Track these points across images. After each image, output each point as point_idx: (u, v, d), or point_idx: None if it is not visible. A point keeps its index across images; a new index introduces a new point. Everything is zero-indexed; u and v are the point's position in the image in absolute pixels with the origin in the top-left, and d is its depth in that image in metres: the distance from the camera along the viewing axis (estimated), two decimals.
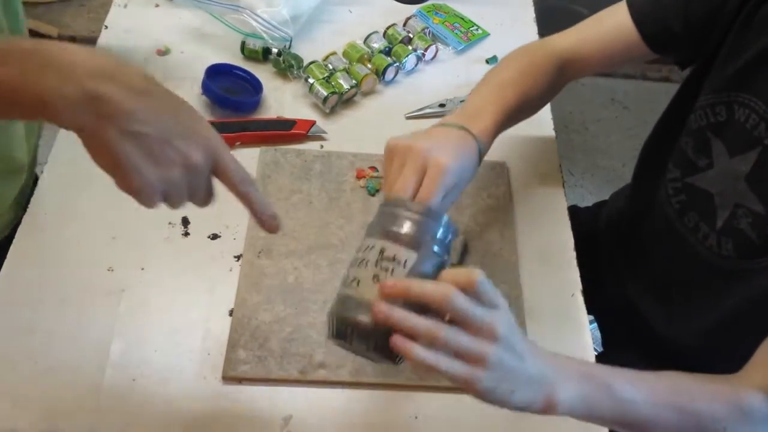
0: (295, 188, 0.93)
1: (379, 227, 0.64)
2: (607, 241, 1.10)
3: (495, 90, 0.81)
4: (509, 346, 0.57)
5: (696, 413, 0.65)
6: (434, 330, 0.54)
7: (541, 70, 0.86)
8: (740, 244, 0.81)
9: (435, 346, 0.54)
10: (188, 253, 0.87)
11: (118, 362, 0.77)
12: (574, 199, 2.04)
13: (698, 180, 0.85)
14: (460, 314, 0.55)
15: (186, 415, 0.74)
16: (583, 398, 0.61)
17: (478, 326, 0.55)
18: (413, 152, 0.68)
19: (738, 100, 0.79)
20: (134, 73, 0.52)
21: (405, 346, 0.54)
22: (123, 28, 1.13)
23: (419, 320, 0.55)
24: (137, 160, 0.52)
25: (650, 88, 2.42)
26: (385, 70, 1.07)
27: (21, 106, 0.50)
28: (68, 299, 0.81)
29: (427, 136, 0.72)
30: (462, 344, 0.55)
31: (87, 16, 2.40)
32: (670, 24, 0.83)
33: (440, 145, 0.69)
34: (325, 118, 1.03)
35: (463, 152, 0.72)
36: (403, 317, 0.55)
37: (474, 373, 0.55)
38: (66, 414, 0.73)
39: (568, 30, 0.91)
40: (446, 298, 0.54)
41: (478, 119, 0.76)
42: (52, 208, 0.89)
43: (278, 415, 0.75)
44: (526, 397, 0.58)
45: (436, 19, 1.19)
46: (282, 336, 0.80)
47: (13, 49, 0.49)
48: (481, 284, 0.56)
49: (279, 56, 1.07)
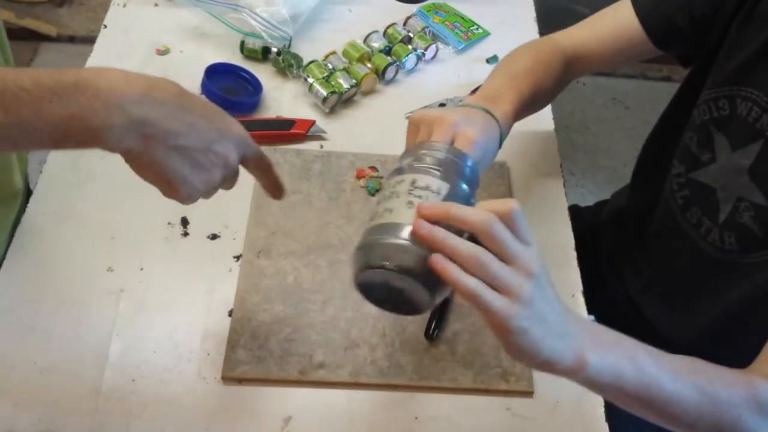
0: (295, 188, 0.93)
1: (408, 162, 0.61)
2: (608, 240, 1.09)
3: (510, 79, 0.82)
4: (541, 286, 0.54)
5: (715, 396, 0.62)
6: (477, 254, 0.51)
7: (550, 65, 0.86)
8: (743, 238, 0.81)
9: (474, 272, 0.51)
10: (188, 254, 0.86)
11: (117, 362, 0.77)
12: (574, 199, 2.03)
13: (701, 175, 0.85)
14: (498, 243, 0.52)
15: (185, 416, 0.74)
16: (612, 366, 0.57)
17: (515, 259, 0.53)
18: (443, 122, 0.67)
19: (741, 94, 0.79)
20: (167, 88, 0.55)
21: (446, 267, 0.51)
22: (122, 28, 1.13)
23: (462, 242, 0.51)
24: (185, 171, 0.56)
25: (651, 88, 2.42)
26: (385, 69, 1.07)
27: (74, 139, 0.52)
28: (67, 299, 0.81)
29: (455, 110, 0.71)
30: (501, 275, 0.52)
31: (86, 16, 2.40)
32: (675, 19, 0.83)
33: (468, 120, 0.69)
34: (324, 118, 1.03)
35: (488, 131, 0.72)
36: (446, 236, 0.51)
37: (509, 306, 0.51)
38: (65, 414, 0.73)
39: (572, 27, 0.91)
40: (486, 224, 0.51)
41: (498, 104, 0.77)
42: (51, 208, 0.89)
43: (278, 416, 0.75)
44: (556, 348, 0.54)
45: (436, 18, 1.18)
46: (281, 336, 0.79)
47: (60, 85, 0.51)
48: (516, 213, 0.53)
49: (278, 56, 1.07)
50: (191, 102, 0.57)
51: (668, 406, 0.61)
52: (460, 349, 0.80)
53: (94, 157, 0.95)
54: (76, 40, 2.34)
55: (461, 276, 0.51)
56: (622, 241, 1.05)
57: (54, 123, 0.51)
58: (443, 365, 0.79)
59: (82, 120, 0.51)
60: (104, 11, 1.15)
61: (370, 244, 0.56)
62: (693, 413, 0.61)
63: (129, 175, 0.53)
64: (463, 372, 0.78)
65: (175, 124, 0.54)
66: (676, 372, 0.61)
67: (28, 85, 0.50)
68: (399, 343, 0.80)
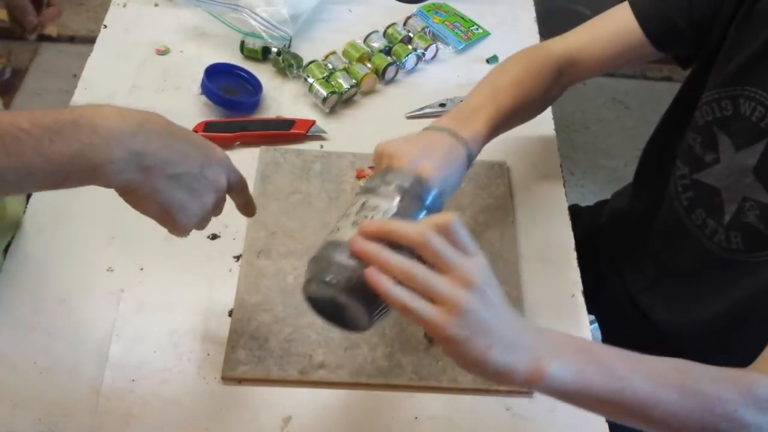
0: (295, 188, 0.93)
1: (365, 187, 0.65)
2: (609, 239, 1.09)
3: (491, 93, 0.81)
4: (484, 296, 0.54)
5: (700, 394, 0.60)
6: (408, 266, 0.53)
7: (539, 75, 0.85)
8: (749, 238, 0.81)
9: (407, 284, 0.53)
10: (187, 254, 0.86)
11: (117, 363, 0.77)
12: (574, 199, 2.02)
13: (705, 176, 0.85)
14: (433, 254, 0.53)
15: (185, 416, 0.74)
16: (576, 373, 0.56)
17: (452, 269, 0.53)
18: (402, 158, 0.68)
19: (744, 94, 0.79)
20: (157, 121, 0.58)
21: (378, 279, 0.52)
22: (122, 28, 1.13)
23: (394, 255, 0.53)
24: (183, 198, 0.59)
25: (651, 88, 2.42)
26: (385, 69, 1.07)
27: (76, 176, 0.53)
28: (67, 299, 0.81)
29: (415, 141, 0.72)
30: (434, 284, 0.53)
31: (86, 15, 2.40)
32: (675, 21, 0.83)
33: (428, 152, 0.70)
34: (324, 118, 1.03)
35: (450, 160, 0.72)
36: (378, 250, 0.53)
37: (443, 317, 0.52)
38: (65, 414, 0.73)
39: (569, 33, 0.91)
40: (421, 237, 0.53)
41: (470, 123, 0.76)
42: (51, 208, 0.89)
43: (278, 416, 0.75)
44: (506, 359, 0.54)
45: (436, 18, 1.18)
46: (281, 336, 0.79)
47: (59, 124, 0.52)
48: (455, 226, 0.55)
49: (278, 55, 1.07)
50: (179, 131, 0.59)
51: (645, 409, 0.59)
52: None
53: None
54: (76, 40, 2.34)
55: (391, 288, 0.52)
56: (624, 241, 1.05)
57: (57, 162, 0.52)
58: (443, 365, 0.79)
59: (83, 156, 0.52)
60: (104, 11, 1.15)
61: (315, 260, 0.60)
62: (678, 414, 0.59)
63: None
64: (464, 372, 0.78)
65: (170, 154, 0.57)
66: (652, 374, 0.60)
67: (27, 127, 0.50)
68: (399, 343, 0.80)
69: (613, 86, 2.43)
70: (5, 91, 2.14)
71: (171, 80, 1.06)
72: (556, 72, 0.87)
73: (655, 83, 2.44)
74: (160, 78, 1.06)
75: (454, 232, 0.55)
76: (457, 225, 0.55)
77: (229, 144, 0.97)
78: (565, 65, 0.88)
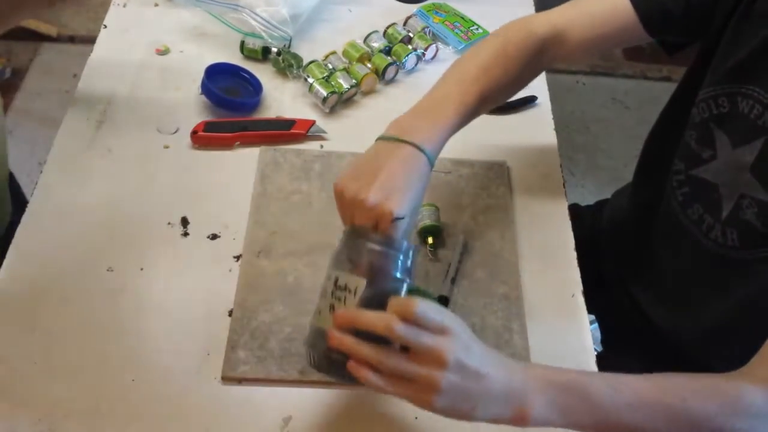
0: (295, 188, 0.93)
1: (335, 257, 0.68)
2: (609, 239, 1.09)
3: (456, 84, 0.79)
4: (461, 370, 0.58)
5: (687, 414, 0.63)
6: (380, 357, 0.58)
7: (513, 57, 0.82)
8: (745, 235, 0.81)
9: (385, 372, 0.58)
10: (188, 253, 0.86)
11: (117, 362, 0.77)
12: (574, 199, 2.02)
13: (702, 172, 0.85)
14: (405, 342, 0.58)
15: (185, 416, 0.74)
16: (559, 408, 0.61)
17: (424, 353, 0.57)
18: (360, 208, 0.68)
19: (741, 92, 0.79)
20: None
21: (358, 373, 0.58)
22: (122, 28, 1.13)
23: (367, 348, 0.58)
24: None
25: (651, 88, 2.42)
26: (385, 69, 1.07)
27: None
28: (68, 299, 0.81)
29: (371, 171, 0.70)
30: (409, 371, 0.58)
31: (86, 16, 2.40)
32: (669, 7, 0.82)
33: (387, 181, 0.68)
34: (324, 118, 1.03)
35: (413, 177, 0.71)
36: (352, 345, 0.59)
37: (424, 396, 0.58)
38: (65, 414, 0.73)
39: (557, 8, 0.87)
40: (388, 328, 0.57)
41: (431, 122, 0.75)
42: (51, 208, 0.89)
43: (278, 416, 0.75)
44: (490, 412, 0.60)
45: (436, 18, 1.18)
46: (281, 336, 0.79)
47: None
48: (420, 314, 0.58)
49: (278, 56, 1.07)
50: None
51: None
52: None
53: (95, 156, 0.95)
54: (76, 40, 2.34)
55: (371, 378, 0.58)
56: (624, 240, 1.05)
57: None
58: None
59: None
60: (104, 11, 1.16)
61: (306, 344, 0.68)
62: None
63: (129, 175, 0.53)
64: None
65: None
66: (638, 399, 0.62)
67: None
68: None
69: (612, 86, 2.43)
70: (5, 91, 2.14)
71: (171, 80, 1.06)
72: (537, 53, 0.84)
73: (655, 83, 2.44)
74: (160, 78, 1.06)
75: (419, 319, 0.58)
76: (421, 311, 0.58)
77: (229, 144, 0.98)
78: (550, 44, 0.85)
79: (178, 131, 0.99)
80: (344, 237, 0.69)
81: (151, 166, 0.95)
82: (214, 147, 0.98)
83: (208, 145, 0.97)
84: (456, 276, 0.86)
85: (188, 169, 0.95)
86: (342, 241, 0.69)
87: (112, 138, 0.97)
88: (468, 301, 0.84)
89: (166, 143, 0.97)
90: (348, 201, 0.69)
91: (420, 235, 0.89)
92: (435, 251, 0.88)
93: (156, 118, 1.00)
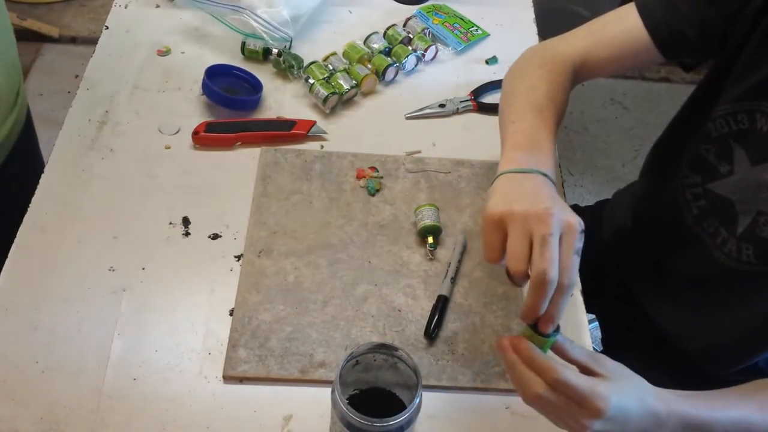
0: (296, 188, 0.94)
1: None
2: (610, 239, 1.09)
3: (536, 114, 0.79)
4: (615, 415, 0.62)
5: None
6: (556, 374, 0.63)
7: (563, 85, 0.84)
8: (761, 251, 0.80)
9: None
10: (189, 253, 0.87)
11: (119, 361, 0.77)
12: (573, 199, 2.04)
13: (719, 186, 0.84)
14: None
15: (186, 415, 0.74)
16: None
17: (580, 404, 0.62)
18: (540, 220, 0.65)
19: (760, 109, 0.78)
20: None
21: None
22: (123, 29, 1.13)
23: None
24: None
25: (650, 89, 2.42)
26: (385, 70, 1.08)
27: None
28: (69, 299, 0.82)
29: (527, 191, 0.69)
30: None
31: (87, 17, 2.41)
32: (685, 30, 0.82)
33: (556, 202, 0.67)
34: (325, 119, 1.03)
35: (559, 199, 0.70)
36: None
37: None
38: (67, 413, 0.73)
39: (573, 34, 0.89)
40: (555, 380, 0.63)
41: (542, 154, 0.75)
42: (53, 208, 0.89)
43: (278, 415, 0.75)
44: None
45: (435, 19, 1.19)
46: (282, 335, 0.80)
47: None
48: (564, 380, 0.62)
49: (279, 57, 1.08)
50: None
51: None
52: (459, 348, 0.81)
53: (96, 156, 0.95)
54: (77, 41, 2.34)
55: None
56: (627, 243, 1.05)
57: None
58: (443, 364, 0.79)
59: None
60: (106, 12, 1.16)
61: None
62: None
63: (130, 175, 0.53)
64: (463, 371, 0.79)
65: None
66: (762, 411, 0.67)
67: None
68: (399, 342, 0.80)
69: (611, 87, 2.43)
70: None
71: (172, 81, 1.06)
72: (573, 79, 0.86)
73: (653, 84, 2.44)
74: (162, 79, 1.07)
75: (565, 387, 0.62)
76: (566, 377, 0.62)
77: (230, 144, 0.98)
78: (578, 69, 0.87)
79: (179, 132, 0.99)
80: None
81: (152, 166, 0.95)
82: (215, 147, 0.98)
83: (209, 146, 0.98)
84: (456, 276, 0.86)
85: (189, 169, 0.95)
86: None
87: (114, 138, 0.98)
88: (468, 300, 0.85)
89: (167, 143, 0.98)
90: (520, 215, 0.65)
91: (420, 234, 0.89)
92: (435, 251, 0.89)
93: (157, 119, 1.01)
